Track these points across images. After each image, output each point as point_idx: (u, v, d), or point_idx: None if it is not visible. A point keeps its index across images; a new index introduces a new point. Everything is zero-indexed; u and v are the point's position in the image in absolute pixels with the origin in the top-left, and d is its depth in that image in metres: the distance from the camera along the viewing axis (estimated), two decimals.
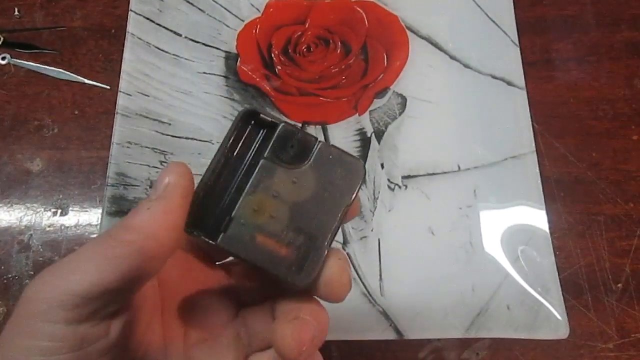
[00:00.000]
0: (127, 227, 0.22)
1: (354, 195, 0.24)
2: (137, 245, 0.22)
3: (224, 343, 0.27)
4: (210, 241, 0.24)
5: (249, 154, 0.25)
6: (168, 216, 0.22)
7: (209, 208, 0.25)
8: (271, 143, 0.24)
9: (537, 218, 0.44)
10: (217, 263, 0.29)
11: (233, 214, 0.24)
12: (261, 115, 0.25)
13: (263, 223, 0.24)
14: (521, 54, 0.48)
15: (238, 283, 0.28)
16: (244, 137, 0.26)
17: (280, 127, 0.24)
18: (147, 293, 0.26)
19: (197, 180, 0.24)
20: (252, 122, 0.25)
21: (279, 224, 0.24)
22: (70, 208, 0.45)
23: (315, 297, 0.25)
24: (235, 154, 0.25)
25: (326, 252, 0.24)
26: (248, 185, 0.24)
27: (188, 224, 0.24)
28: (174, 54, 0.48)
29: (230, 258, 0.29)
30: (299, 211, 0.24)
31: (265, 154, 0.24)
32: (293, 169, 0.24)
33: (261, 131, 0.26)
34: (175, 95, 0.47)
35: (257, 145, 0.26)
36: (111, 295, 0.21)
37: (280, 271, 0.24)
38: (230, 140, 0.25)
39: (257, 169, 0.24)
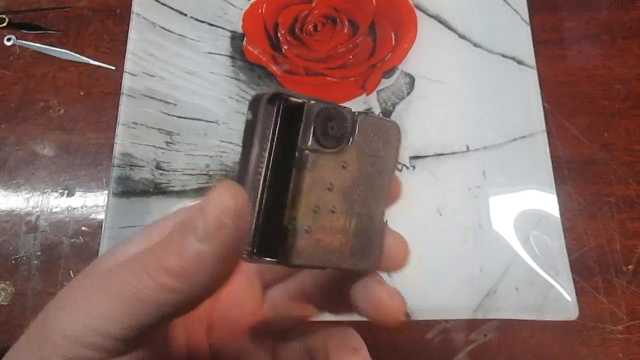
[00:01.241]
0: (167, 268, 0.18)
1: (397, 161, 0.22)
2: (180, 296, 0.18)
3: None
4: (284, 264, 0.20)
5: (269, 145, 0.21)
6: (221, 265, 0.18)
7: (259, 223, 0.21)
8: (312, 130, 0.20)
9: (547, 199, 0.43)
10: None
11: (297, 223, 0.20)
12: (290, 98, 0.20)
13: (326, 222, 0.21)
14: (532, 32, 0.47)
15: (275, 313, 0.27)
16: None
17: (316, 108, 0.20)
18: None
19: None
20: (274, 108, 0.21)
21: (340, 217, 0.21)
22: (77, 189, 0.45)
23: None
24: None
25: (385, 228, 0.22)
26: (304, 186, 0.20)
27: (251, 252, 0.20)
28: (179, 34, 0.48)
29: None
30: (352, 195, 0.21)
31: (309, 143, 0.20)
32: (339, 152, 0.21)
33: (275, 116, 0.21)
34: (180, 75, 0.46)
35: (275, 133, 0.21)
36: (139, 334, 0.19)
37: (352, 264, 0.21)
38: (266, 141, 0.20)
39: (307, 165, 0.20)
